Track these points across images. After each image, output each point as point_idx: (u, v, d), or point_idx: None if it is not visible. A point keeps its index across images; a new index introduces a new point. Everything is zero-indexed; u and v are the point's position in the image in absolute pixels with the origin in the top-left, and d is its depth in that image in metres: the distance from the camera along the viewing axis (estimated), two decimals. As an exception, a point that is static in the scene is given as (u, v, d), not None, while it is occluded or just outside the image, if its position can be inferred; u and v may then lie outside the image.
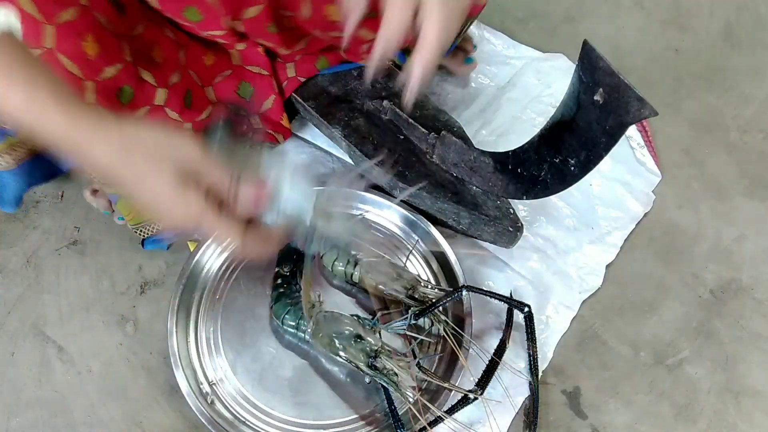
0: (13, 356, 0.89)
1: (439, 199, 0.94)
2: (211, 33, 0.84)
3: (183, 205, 0.59)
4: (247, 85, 0.98)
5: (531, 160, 0.85)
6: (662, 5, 1.36)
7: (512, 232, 0.94)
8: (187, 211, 0.59)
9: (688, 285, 1.00)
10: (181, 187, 0.58)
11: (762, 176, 1.11)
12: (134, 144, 0.57)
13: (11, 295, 0.94)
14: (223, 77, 0.96)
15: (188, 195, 0.58)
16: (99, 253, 0.97)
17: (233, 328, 0.89)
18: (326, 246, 0.67)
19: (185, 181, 0.58)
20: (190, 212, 0.59)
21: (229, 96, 0.97)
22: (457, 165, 0.96)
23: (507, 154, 0.89)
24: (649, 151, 1.11)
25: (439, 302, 0.83)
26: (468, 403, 0.79)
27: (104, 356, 0.89)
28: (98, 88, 0.76)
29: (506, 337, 0.85)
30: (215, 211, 0.60)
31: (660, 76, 1.24)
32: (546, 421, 0.87)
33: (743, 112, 1.20)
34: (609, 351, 0.93)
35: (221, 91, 0.97)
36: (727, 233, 1.05)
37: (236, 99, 0.96)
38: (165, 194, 0.58)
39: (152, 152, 0.57)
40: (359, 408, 0.83)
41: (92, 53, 0.73)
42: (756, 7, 1.37)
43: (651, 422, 0.88)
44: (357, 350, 0.78)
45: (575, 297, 0.96)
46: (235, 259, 0.94)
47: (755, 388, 0.91)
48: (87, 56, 0.73)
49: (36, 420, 0.84)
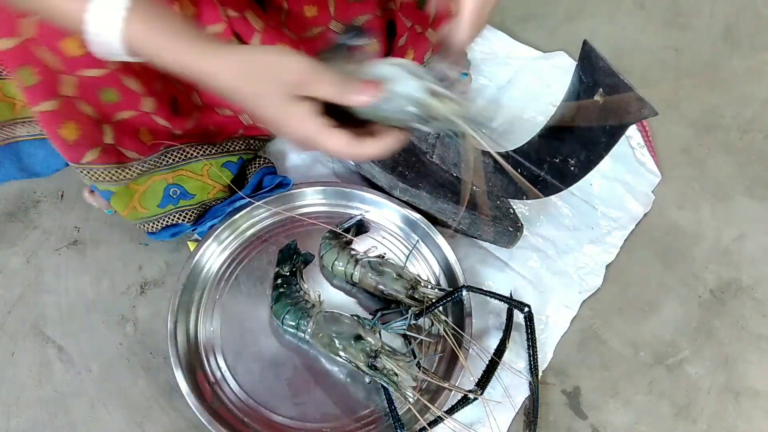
0: (13, 356, 0.89)
1: (439, 199, 0.94)
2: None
3: (298, 119, 0.61)
4: None
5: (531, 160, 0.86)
6: (662, 5, 1.36)
7: (512, 232, 0.94)
8: (303, 125, 0.61)
9: (688, 285, 1.00)
10: (296, 102, 0.60)
11: (762, 176, 1.11)
12: (252, 66, 0.60)
13: (11, 295, 0.94)
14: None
15: (303, 109, 0.61)
16: (99, 253, 0.97)
17: (233, 328, 0.89)
18: (442, 129, 0.66)
19: (300, 97, 0.60)
20: (306, 127, 0.61)
21: (214, 98, 0.97)
22: (457, 165, 0.96)
23: (507, 154, 0.89)
24: (649, 150, 1.11)
25: (439, 302, 0.84)
26: (468, 403, 0.79)
27: (104, 356, 0.89)
28: (79, 83, 0.77)
29: (506, 337, 0.85)
30: (330, 124, 0.62)
31: (660, 76, 1.24)
32: (546, 421, 0.87)
33: (743, 112, 1.20)
34: (609, 351, 0.93)
35: (206, 94, 0.96)
36: (727, 233, 1.05)
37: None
38: (282, 111, 0.61)
39: (268, 72, 0.60)
40: (359, 408, 0.83)
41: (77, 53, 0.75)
42: (756, 7, 1.37)
43: (651, 422, 0.88)
44: (357, 350, 0.78)
45: (575, 297, 0.96)
46: (235, 259, 0.94)
47: (755, 388, 0.91)
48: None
49: (36, 420, 0.84)
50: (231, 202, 0.96)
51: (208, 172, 0.93)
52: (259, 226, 0.97)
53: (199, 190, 0.94)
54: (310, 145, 0.63)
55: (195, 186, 0.93)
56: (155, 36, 0.58)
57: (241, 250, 0.95)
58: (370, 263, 0.89)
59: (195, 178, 0.93)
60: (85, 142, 0.81)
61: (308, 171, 1.05)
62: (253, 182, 0.97)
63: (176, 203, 0.93)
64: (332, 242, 0.93)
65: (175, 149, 0.90)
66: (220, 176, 0.94)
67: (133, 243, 0.98)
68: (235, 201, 0.95)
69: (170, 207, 0.93)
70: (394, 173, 0.96)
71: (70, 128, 0.79)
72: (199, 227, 0.95)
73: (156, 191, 0.91)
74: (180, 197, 0.93)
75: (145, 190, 0.90)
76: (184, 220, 0.94)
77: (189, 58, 0.59)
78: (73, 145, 0.80)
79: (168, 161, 0.90)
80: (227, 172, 0.96)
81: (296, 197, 0.99)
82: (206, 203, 0.96)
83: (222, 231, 0.94)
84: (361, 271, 0.89)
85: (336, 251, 0.91)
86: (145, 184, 0.89)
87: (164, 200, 0.92)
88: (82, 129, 0.79)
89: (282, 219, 0.98)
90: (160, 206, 0.92)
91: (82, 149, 0.81)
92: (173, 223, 0.94)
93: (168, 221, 0.93)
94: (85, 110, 0.79)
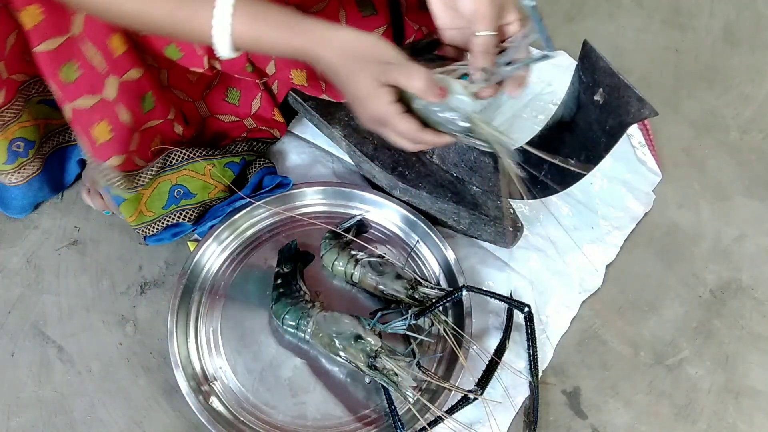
0: (13, 356, 0.89)
1: (439, 199, 0.94)
2: (194, 69, 0.85)
3: (380, 101, 0.66)
4: (234, 90, 0.99)
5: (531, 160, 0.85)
6: (662, 5, 1.35)
7: (512, 232, 0.94)
8: (383, 107, 0.67)
9: (688, 285, 1.00)
10: (381, 86, 0.66)
11: (762, 176, 1.11)
12: (348, 46, 0.65)
13: (11, 295, 0.94)
14: (210, 89, 0.96)
15: (386, 94, 0.66)
16: (99, 253, 0.97)
17: (233, 328, 0.89)
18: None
19: (385, 83, 0.66)
20: (385, 109, 0.67)
21: (219, 107, 0.98)
22: (457, 165, 0.96)
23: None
24: (650, 149, 1.11)
25: (439, 302, 0.84)
26: (468, 403, 0.79)
27: (104, 356, 0.89)
28: (121, 86, 0.78)
29: (506, 337, 0.85)
30: (403, 110, 0.68)
31: (660, 76, 1.24)
32: (546, 421, 0.87)
33: (743, 112, 1.20)
34: (609, 351, 0.93)
35: (211, 103, 0.97)
36: (727, 233, 1.05)
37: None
38: (369, 90, 0.66)
39: (366, 55, 0.65)
40: (359, 408, 0.83)
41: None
42: (756, 7, 1.37)
43: (651, 422, 0.88)
44: (357, 350, 0.78)
45: (575, 297, 0.96)
46: (235, 259, 0.94)
47: (755, 388, 0.91)
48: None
49: (36, 420, 0.84)
50: (231, 202, 0.96)
51: (210, 172, 0.93)
52: (259, 226, 0.97)
53: (201, 190, 0.94)
54: (382, 124, 0.69)
55: (197, 185, 0.93)
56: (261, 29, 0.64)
57: (241, 250, 0.95)
58: (370, 263, 0.89)
59: (197, 178, 0.93)
60: (115, 147, 0.81)
61: (308, 171, 1.04)
62: (253, 182, 0.97)
63: (178, 203, 0.93)
64: (332, 242, 0.93)
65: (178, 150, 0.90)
66: (221, 176, 0.94)
67: (133, 243, 0.98)
68: (235, 201, 0.95)
69: (173, 207, 0.93)
70: (394, 173, 0.96)
71: (102, 129, 0.79)
72: (199, 227, 0.95)
73: (162, 193, 0.91)
74: (182, 197, 0.93)
75: (152, 193, 0.90)
76: (184, 219, 0.94)
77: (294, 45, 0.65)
78: (101, 146, 0.80)
79: (172, 161, 0.90)
80: (229, 172, 0.96)
81: (296, 197, 0.99)
82: (207, 203, 0.96)
83: (222, 231, 0.94)
84: (361, 271, 0.89)
85: (336, 251, 0.91)
86: (152, 187, 0.89)
87: (169, 201, 0.92)
88: (115, 133, 0.80)
89: (282, 219, 0.98)
90: (164, 208, 0.92)
91: (110, 152, 0.81)
92: (174, 223, 0.94)
93: (169, 221, 0.93)
94: (122, 117, 0.80)
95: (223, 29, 0.62)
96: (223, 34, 0.63)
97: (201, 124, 0.97)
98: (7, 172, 0.88)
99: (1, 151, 0.84)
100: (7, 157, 0.85)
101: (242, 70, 0.89)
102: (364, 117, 0.70)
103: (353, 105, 0.70)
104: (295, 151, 1.06)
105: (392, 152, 0.98)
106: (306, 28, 0.65)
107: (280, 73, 0.94)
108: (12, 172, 0.88)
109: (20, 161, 0.88)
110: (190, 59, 0.83)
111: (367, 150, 0.98)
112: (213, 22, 0.62)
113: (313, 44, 0.65)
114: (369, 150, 0.98)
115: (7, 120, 0.81)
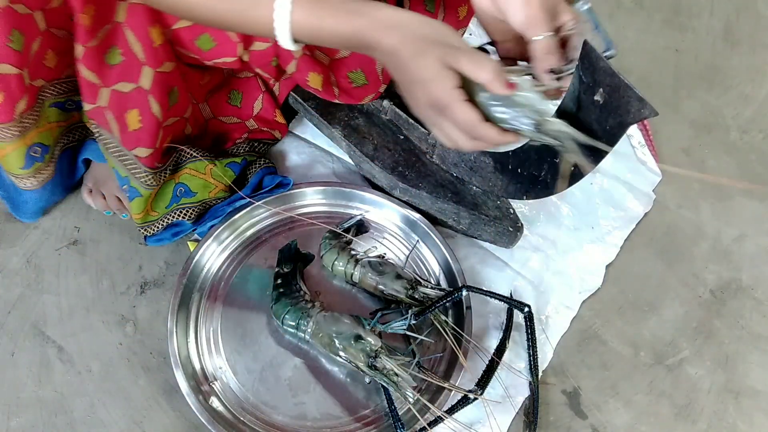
0: (13, 356, 0.89)
1: (439, 199, 0.94)
2: (221, 60, 0.86)
3: (442, 85, 0.63)
4: (236, 92, 0.99)
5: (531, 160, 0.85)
6: (662, 5, 1.35)
7: (512, 232, 0.94)
8: (444, 91, 0.63)
9: (688, 285, 1.00)
10: (445, 69, 0.63)
11: (762, 176, 1.11)
12: (412, 27, 0.63)
13: (11, 295, 0.94)
14: (213, 92, 0.97)
15: (449, 77, 0.63)
16: (99, 253, 0.97)
17: (233, 328, 0.89)
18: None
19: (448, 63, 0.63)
20: (447, 93, 0.63)
21: (221, 108, 0.99)
22: (457, 165, 0.96)
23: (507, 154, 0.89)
24: (650, 149, 1.11)
25: (439, 302, 0.84)
26: (468, 403, 0.79)
27: (104, 356, 0.89)
28: (155, 77, 0.79)
29: (506, 337, 0.85)
30: (465, 97, 0.64)
31: (660, 76, 1.24)
32: (546, 421, 0.87)
33: (743, 112, 1.20)
34: (609, 351, 0.93)
35: (214, 105, 0.98)
36: (727, 233, 1.05)
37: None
38: (430, 70, 0.63)
39: (427, 34, 0.63)
40: (359, 408, 0.83)
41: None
42: (756, 7, 1.37)
43: (651, 422, 0.88)
44: (357, 350, 0.78)
45: (575, 297, 0.96)
46: (235, 259, 0.94)
47: (755, 388, 0.91)
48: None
49: (36, 420, 0.84)
50: (231, 201, 0.96)
51: (211, 171, 0.93)
52: (259, 226, 0.97)
53: (201, 189, 0.94)
54: (441, 111, 0.65)
55: (198, 184, 0.93)
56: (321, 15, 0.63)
57: (241, 250, 0.95)
58: (370, 263, 0.89)
59: (198, 177, 0.93)
60: (143, 138, 0.82)
61: (308, 171, 1.05)
62: (253, 182, 0.97)
63: (179, 201, 0.93)
64: (332, 242, 0.93)
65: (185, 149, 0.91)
66: (222, 176, 0.94)
67: (133, 243, 0.98)
68: (235, 201, 0.95)
69: (174, 206, 0.93)
70: (394, 173, 0.96)
71: (133, 117, 0.80)
72: (199, 227, 0.95)
73: (166, 192, 0.91)
74: (183, 195, 0.93)
75: (157, 192, 0.90)
76: (184, 217, 0.94)
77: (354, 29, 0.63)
78: (132, 133, 0.81)
79: (175, 160, 0.90)
80: (229, 171, 0.96)
81: (296, 197, 0.99)
82: (207, 202, 0.96)
83: (222, 231, 0.94)
84: (361, 271, 0.89)
85: (336, 251, 0.91)
86: (158, 187, 0.90)
87: (171, 200, 0.92)
88: (143, 124, 0.81)
89: (282, 219, 0.98)
90: (167, 207, 0.92)
91: (138, 141, 0.82)
92: (174, 222, 0.94)
93: (170, 219, 0.93)
94: (153, 108, 0.81)
95: (284, 18, 0.62)
96: (284, 22, 0.62)
97: (204, 126, 0.98)
98: (23, 176, 0.88)
99: (20, 156, 0.84)
100: (24, 162, 0.85)
101: (267, 65, 0.89)
102: (422, 101, 0.67)
103: (410, 89, 0.67)
104: (295, 151, 1.06)
105: (392, 152, 0.98)
106: (366, 12, 0.64)
107: (299, 74, 0.94)
108: (28, 177, 0.89)
109: (37, 166, 0.88)
110: (223, 49, 0.83)
111: (367, 150, 0.98)
112: (274, 15, 0.62)
113: (374, 27, 0.63)
114: (369, 150, 0.98)
115: (27, 126, 0.81)
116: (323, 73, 0.93)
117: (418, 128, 0.98)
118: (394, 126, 1.01)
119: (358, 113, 1.02)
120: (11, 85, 0.74)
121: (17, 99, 0.76)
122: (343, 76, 0.95)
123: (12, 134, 0.80)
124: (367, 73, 0.96)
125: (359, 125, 1.01)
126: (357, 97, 0.96)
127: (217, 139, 1.00)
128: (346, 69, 0.95)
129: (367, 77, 0.96)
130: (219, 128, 1.00)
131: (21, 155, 0.84)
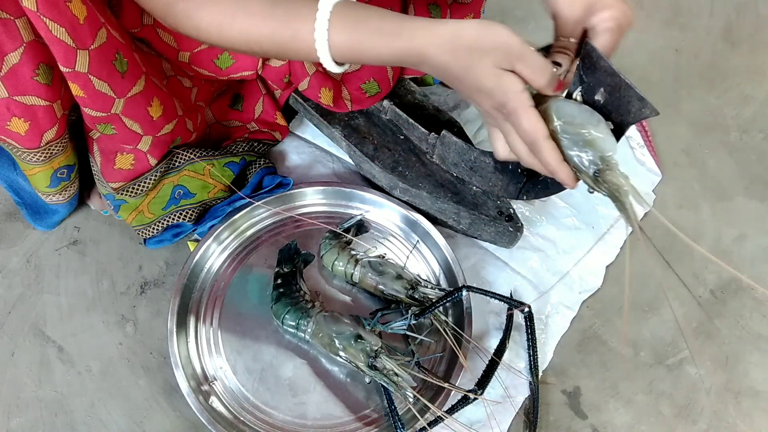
0: (13, 356, 0.89)
1: (439, 199, 0.94)
2: (239, 75, 0.86)
3: (506, 88, 0.61)
4: (238, 95, 0.99)
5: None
6: (662, 5, 1.36)
7: (512, 232, 0.94)
8: (510, 95, 0.61)
9: (688, 285, 0.99)
10: (506, 72, 0.61)
11: (762, 176, 1.11)
12: (459, 41, 0.61)
13: (11, 295, 0.94)
14: (217, 97, 0.97)
15: (509, 79, 0.61)
16: (99, 253, 0.97)
17: (233, 328, 0.89)
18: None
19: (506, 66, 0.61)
20: (513, 97, 0.61)
21: (224, 113, 0.99)
22: (457, 165, 0.96)
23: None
24: (649, 150, 1.11)
25: (439, 302, 0.84)
26: (468, 403, 0.79)
27: (104, 356, 0.89)
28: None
29: (506, 337, 0.85)
30: (532, 103, 0.62)
31: (660, 76, 1.24)
32: (546, 421, 0.87)
33: (743, 112, 1.20)
34: (609, 351, 0.93)
35: (217, 110, 0.98)
36: (727, 233, 1.05)
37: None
38: (489, 79, 0.61)
39: (475, 44, 0.60)
40: (359, 408, 0.83)
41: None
42: (756, 7, 1.37)
43: (651, 422, 0.88)
44: (357, 350, 0.78)
45: (575, 297, 0.96)
46: (235, 259, 0.94)
47: (755, 388, 0.91)
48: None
49: (36, 420, 0.84)
50: (231, 202, 0.96)
51: (209, 172, 0.93)
52: (259, 226, 0.97)
53: (200, 190, 0.94)
54: (504, 115, 0.63)
55: (196, 185, 0.93)
56: (361, 36, 0.63)
57: (241, 250, 0.95)
58: (370, 263, 0.89)
59: (197, 178, 0.93)
60: (161, 123, 0.83)
61: (308, 171, 1.05)
62: (253, 182, 0.97)
63: (178, 203, 0.93)
64: (332, 242, 0.93)
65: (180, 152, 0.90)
66: (220, 176, 0.94)
67: (133, 243, 0.98)
68: (235, 201, 0.95)
69: (172, 207, 0.93)
70: (394, 173, 0.96)
71: (156, 106, 0.80)
72: (199, 227, 0.95)
73: (164, 195, 0.91)
74: (182, 197, 0.93)
75: (156, 195, 0.90)
76: (184, 219, 0.94)
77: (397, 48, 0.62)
78: (157, 120, 0.82)
79: (175, 164, 0.90)
80: (228, 171, 0.96)
81: (296, 197, 0.99)
82: (206, 202, 0.96)
83: (222, 231, 0.94)
84: (361, 271, 0.89)
85: (336, 251, 0.91)
86: (156, 190, 0.89)
87: (169, 202, 0.92)
88: (163, 106, 0.82)
89: (282, 219, 0.98)
90: (164, 209, 0.92)
91: (163, 123, 0.83)
92: (174, 223, 0.94)
93: (169, 221, 0.93)
94: (176, 105, 0.83)
95: (323, 41, 0.62)
96: (324, 45, 0.62)
97: (207, 130, 0.98)
98: (50, 194, 0.88)
99: (46, 177, 0.84)
100: (50, 182, 0.85)
101: (279, 81, 0.90)
102: (487, 107, 0.64)
103: (474, 98, 0.65)
104: (295, 151, 1.06)
105: (392, 152, 0.98)
106: (408, 30, 0.62)
107: (311, 90, 0.94)
108: (55, 194, 0.89)
109: (63, 185, 0.88)
110: (242, 65, 0.85)
111: (367, 150, 0.98)
112: (315, 36, 0.62)
113: (418, 46, 0.62)
114: (369, 150, 0.98)
115: (54, 153, 0.81)
116: (334, 88, 0.93)
117: (418, 128, 0.98)
118: (394, 126, 1.01)
119: (358, 113, 1.02)
120: (38, 115, 0.74)
121: (45, 128, 0.76)
122: (356, 88, 0.95)
123: (38, 159, 0.80)
124: (380, 81, 0.97)
125: (359, 125, 1.01)
126: (369, 103, 0.97)
127: (219, 141, 1.00)
128: (359, 81, 0.95)
129: (380, 85, 0.96)
130: (221, 132, 1.00)
131: (47, 176, 0.84)
